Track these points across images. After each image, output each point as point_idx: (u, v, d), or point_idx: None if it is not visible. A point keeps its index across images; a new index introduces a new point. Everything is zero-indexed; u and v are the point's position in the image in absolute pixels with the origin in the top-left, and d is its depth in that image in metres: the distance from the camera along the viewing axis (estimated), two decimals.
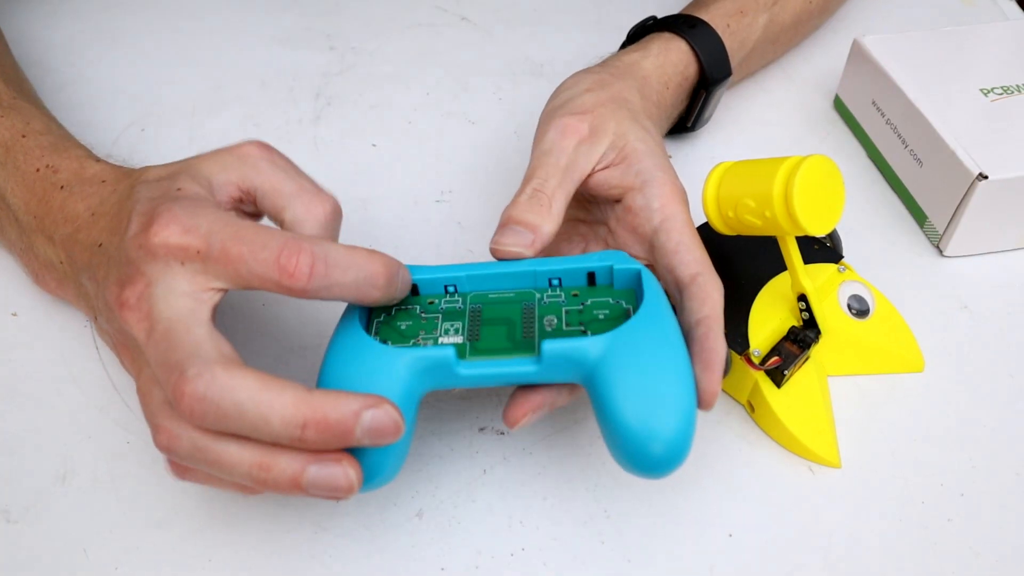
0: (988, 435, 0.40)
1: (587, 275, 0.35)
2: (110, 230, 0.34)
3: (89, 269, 0.35)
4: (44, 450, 0.38)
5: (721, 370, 0.33)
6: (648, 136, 0.40)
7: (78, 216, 0.36)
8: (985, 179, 0.44)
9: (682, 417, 0.30)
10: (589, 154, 0.38)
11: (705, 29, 0.48)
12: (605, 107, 0.40)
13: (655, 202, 0.37)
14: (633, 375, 0.31)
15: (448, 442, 0.39)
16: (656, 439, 0.30)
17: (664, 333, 0.32)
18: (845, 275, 0.42)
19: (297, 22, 0.62)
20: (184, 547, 0.36)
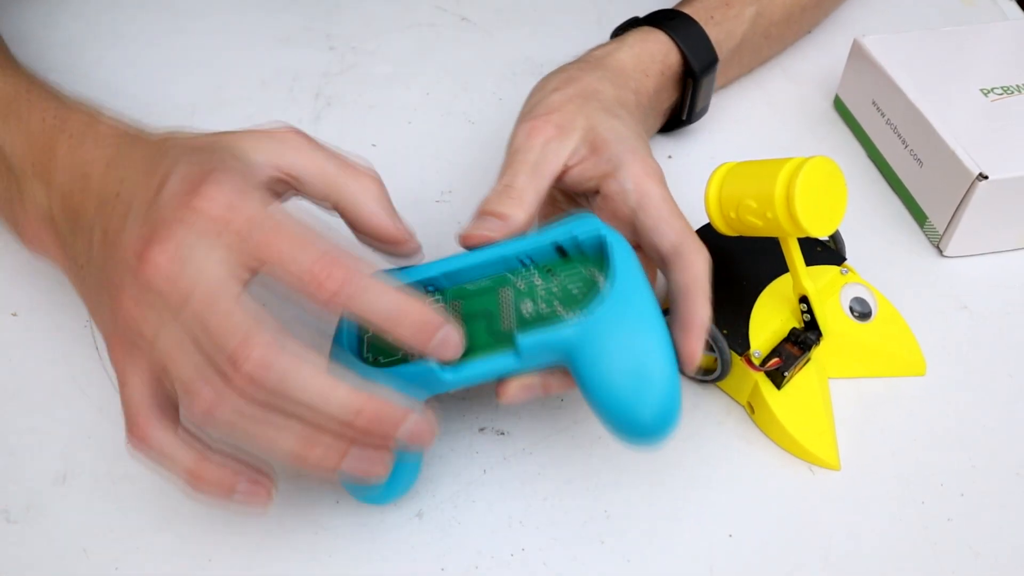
0: (988, 435, 0.40)
1: (556, 248, 0.35)
2: (134, 183, 0.32)
3: (100, 218, 0.33)
4: (44, 450, 0.38)
5: (701, 333, 0.33)
6: (618, 123, 0.40)
7: (89, 164, 0.35)
8: (985, 179, 0.44)
9: (665, 384, 0.31)
10: (559, 151, 0.39)
11: (684, 19, 0.49)
12: (572, 103, 0.40)
13: (628, 183, 0.38)
14: (611, 352, 0.31)
15: (448, 442, 0.39)
16: (643, 410, 0.30)
17: (636, 303, 0.32)
18: (847, 277, 0.42)
19: (297, 22, 0.62)
20: (184, 547, 0.36)
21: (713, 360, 0.40)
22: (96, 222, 0.33)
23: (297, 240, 0.29)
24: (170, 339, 0.29)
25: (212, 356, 0.29)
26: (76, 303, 0.43)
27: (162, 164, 0.32)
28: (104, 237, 0.32)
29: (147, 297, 0.30)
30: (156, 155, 0.33)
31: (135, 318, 0.30)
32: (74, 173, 0.35)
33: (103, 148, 0.35)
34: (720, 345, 0.38)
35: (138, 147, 0.34)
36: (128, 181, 0.33)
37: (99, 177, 0.34)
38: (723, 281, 0.41)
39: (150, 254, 0.29)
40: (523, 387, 0.34)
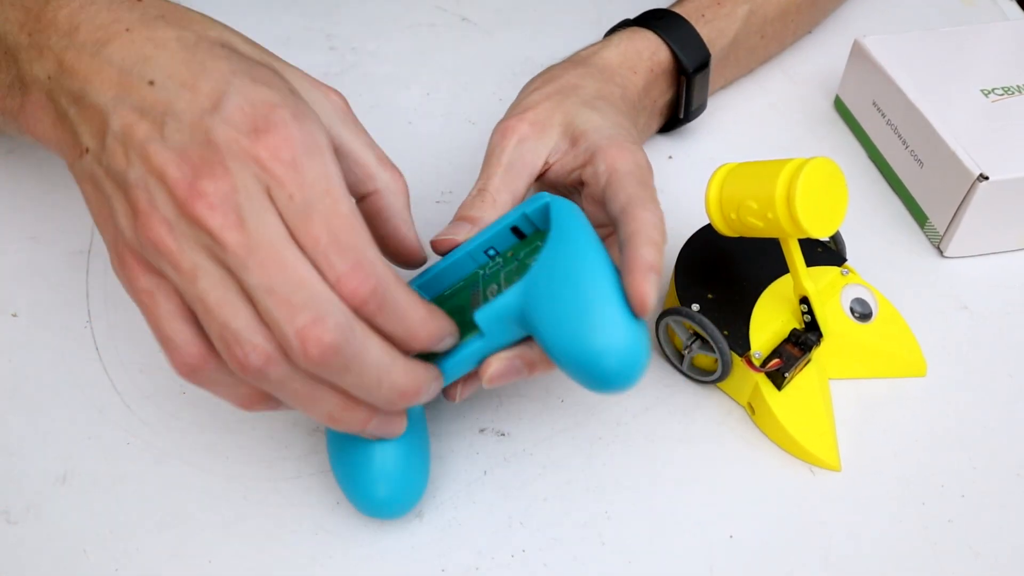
0: (988, 436, 0.40)
1: (512, 231, 0.35)
2: (173, 80, 0.29)
3: (121, 106, 0.29)
4: (44, 451, 0.38)
5: (646, 272, 0.31)
6: (596, 115, 0.40)
7: (102, 28, 0.30)
8: (986, 180, 0.44)
9: (614, 324, 0.30)
10: (536, 149, 0.39)
11: (673, 17, 0.49)
12: (549, 100, 0.41)
13: (601, 166, 0.37)
14: (558, 305, 0.30)
15: (448, 443, 0.39)
16: (597, 352, 0.30)
17: (576, 255, 0.31)
18: (848, 278, 0.42)
19: (297, 22, 0.62)
20: (184, 548, 0.36)
21: (713, 361, 0.40)
22: (115, 108, 0.29)
23: (343, 234, 0.28)
24: (215, 282, 0.28)
25: (276, 322, 0.27)
26: (76, 303, 0.44)
27: (213, 68, 0.29)
28: (126, 132, 0.28)
29: (189, 230, 0.27)
30: (201, 50, 0.29)
31: (170, 248, 0.28)
32: (79, 35, 0.30)
33: (119, 11, 0.30)
34: (720, 346, 0.38)
35: (169, 24, 0.30)
36: (164, 70, 0.29)
37: (119, 48, 0.30)
38: (723, 282, 0.41)
39: (201, 186, 0.27)
40: (503, 365, 0.33)
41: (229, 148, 0.27)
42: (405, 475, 0.34)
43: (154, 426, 0.39)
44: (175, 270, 0.28)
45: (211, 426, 0.39)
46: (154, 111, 0.28)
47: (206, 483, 0.38)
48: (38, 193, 0.49)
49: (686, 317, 0.39)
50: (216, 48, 0.30)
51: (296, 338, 0.27)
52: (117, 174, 0.29)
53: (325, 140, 0.29)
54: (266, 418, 0.40)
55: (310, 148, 0.28)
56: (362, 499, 0.35)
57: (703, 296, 0.41)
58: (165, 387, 0.41)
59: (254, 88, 0.28)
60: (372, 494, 0.34)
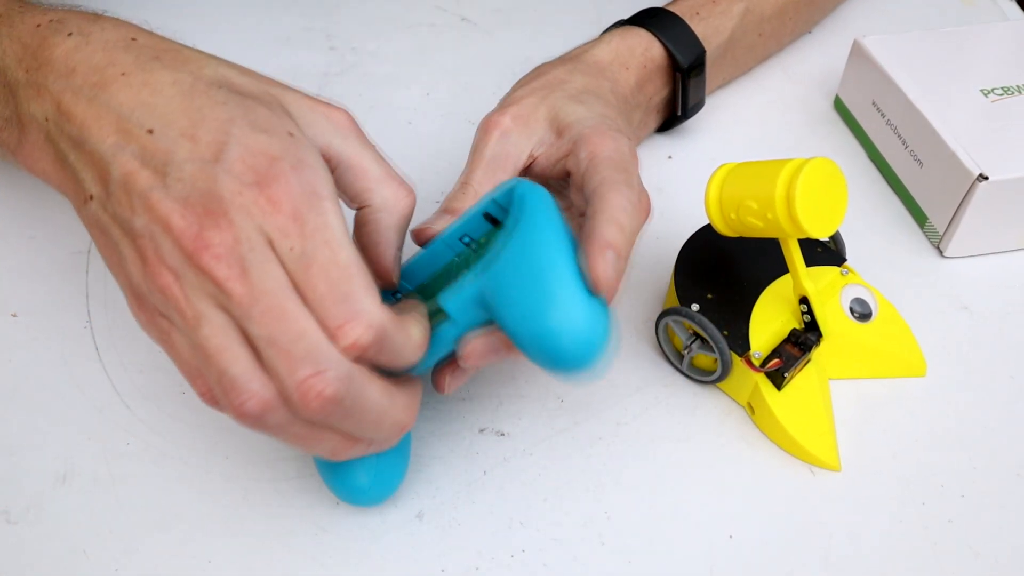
0: (988, 436, 0.40)
1: (485, 217, 0.35)
2: (173, 128, 0.29)
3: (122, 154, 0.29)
4: (44, 451, 0.38)
5: (602, 249, 0.31)
6: (582, 108, 0.40)
7: (98, 71, 0.30)
8: (986, 180, 0.44)
9: (574, 304, 0.29)
10: (519, 143, 0.39)
11: (666, 15, 0.49)
12: (533, 95, 0.41)
13: (582, 154, 0.37)
14: (515, 286, 0.30)
15: (448, 443, 0.39)
16: (553, 333, 0.29)
17: (534, 233, 0.31)
18: (848, 278, 0.42)
19: (297, 22, 0.62)
20: (184, 548, 0.36)
21: (713, 361, 0.40)
22: (115, 156, 0.29)
23: (341, 284, 0.28)
24: (215, 329, 0.28)
25: (277, 373, 0.28)
26: (76, 303, 0.44)
27: (211, 119, 0.29)
28: (130, 181, 0.29)
29: (196, 280, 0.28)
30: (198, 95, 0.30)
31: (176, 297, 0.28)
32: (76, 78, 0.31)
33: (114, 53, 0.31)
34: (720, 346, 0.38)
35: (163, 65, 0.30)
36: (163, 118, 0.29)
37: (117, 91, 0.30)
38: (723, 282, 0.41)
39: (207, 237, 0.27)
40: (481, 343, 0.32)
41: (232, 200, 0.28)
42: (384, 462, 0.35)
43: (154, 426, 0.39)
44: (180, 317, 0.29)
45: (211, 426, 0.39)
46: (155, 160, 0.29)
47: (206, 483, 0.38)
48: (38, 193, 0.49)
49: (686, 317, 0.39)
50: (213, 91, 0.30)
51: (296, 391, 0.28)
52: (123, 222, 0.29)
53: (326, 188, 0.29)
54: None
55: (310, 198, 0.28)
56: (342, 486, 0.35)
57: (703, 296, 0.41)
58: (165, 387, 0.41)
59: (253, 137, 0.29)
60: (352, 481, 0.34)
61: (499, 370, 0.42)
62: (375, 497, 0.36)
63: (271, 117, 0.30)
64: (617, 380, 0.42)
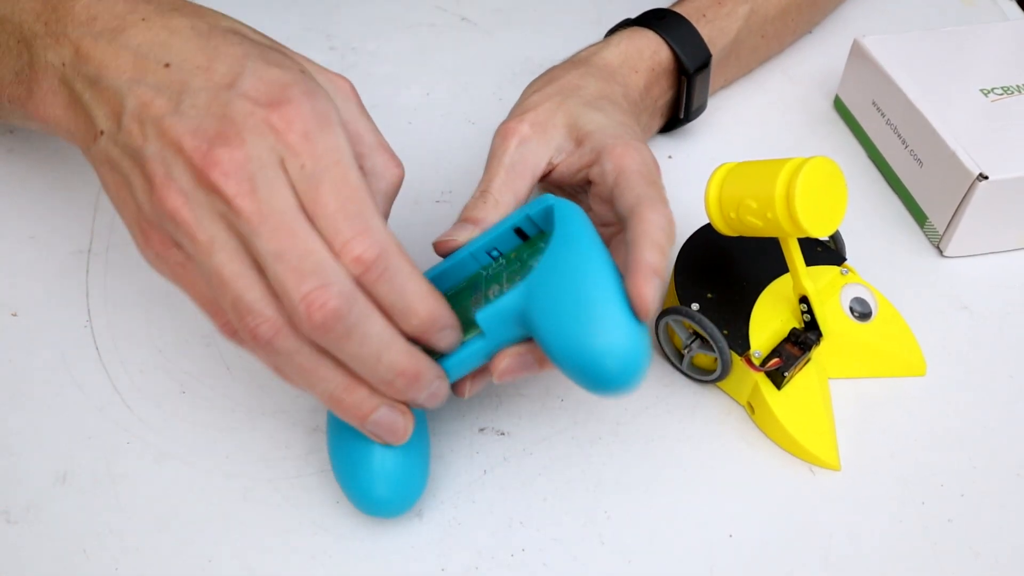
0: (988, 435, 0.40)
1: (516, 232, 0.35)
2: (189, 61, 0.30)
3: (138, 86, 0.30)
4: (44, 450, 0.38)
5: (648, 274, 0.31)
6: (600, 115, 0.40)
7: (119, 17, 0.32)
8: (985, 179, 0.44)
9: (613, 326, 0.30)
10: (537, 151, 0.39)
11: (673, 17, 0.49)
12: (550, 101, 0.41)
13: (608, 165, 0.37)
14: (556, 305, 0.30)
15: (448, 442, 0.39)
16: (595, 355, 0.30)
17: (578, 254, 0.31)
18: (848, 277, 0.42)
19: (297, 22, 0.62)
20: (184, 547, 0.36)
21: (713, 360, 0.40)
22: (131, 89, 0.30)
23: (350, 203, 0.29)
24: (230, 254, 0.29)
25: (283, 287, 0.28)
26: (76, 303, 0.44)
27: (227, 52, 0.30)
28: (144, 110, 0.30)
29: (205, 199, 0.29)
30: (214, 36, 0.31)
31: (186, 219, 0.29)
32: (96, 24, 0.32)
33: (136, 3, 0.32)
34: (720, 345, 0.38)
35: (183, 15, 0.32)
36: (180, 54, 0.30)
37: (136, 33, 0.31)
38: (723, 281, 0.41)
39: (217, 154, 0.28)
40: (514, 360, 0.33)
41: (244, 120, 0.28)
42: (405, 474, 0.34)
43: (154, 426, 0.39)
44: (192, 242, 0.29)
45: (211, 426, 0.39)
46: (170, 89, 0.30)
47: (206, 483, 0.38)
48: (38, 193, 0.49)
49: (686, 316, 0.39)
50: (229, 35, 0.31)
51: (302, 303, 0.28)
52: (134, 151, 0.30)
53: (336, 115, 0.30)
54: (266, 418, 0.40)
55: (322, 121, 0.29)
56: (361, 497, 0.35)
57: (703, 295, 0.41)
58: (165, 387, 0.41)
59: (267, 69, 0.30)
60: (371, 492, 0.34)
61: None
62: (395, 508, 0.35)
63: (283, 57, 0.31)
64: None
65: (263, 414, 0.40)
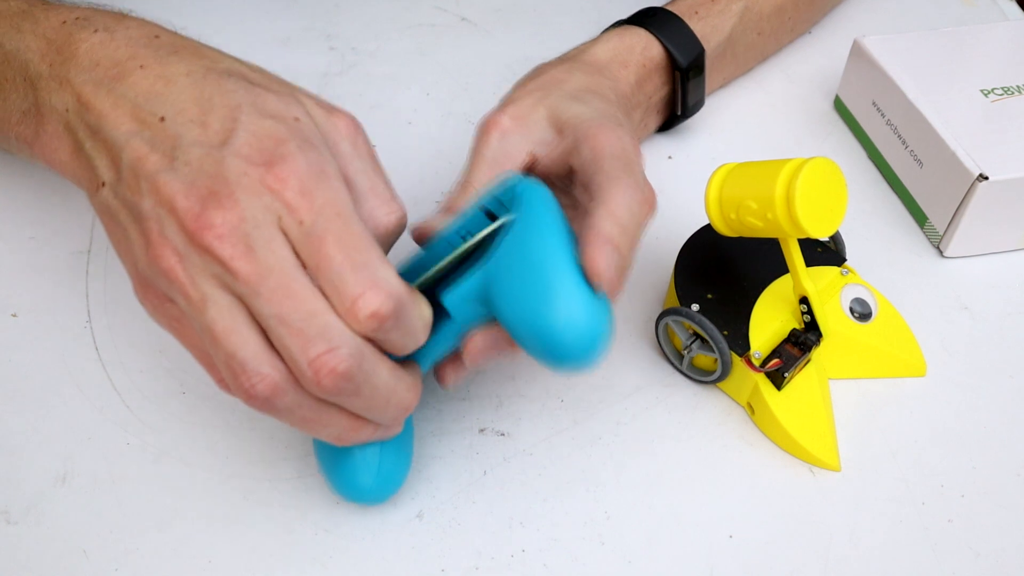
0: (988, 436, 0.40)
1: (486, 214, 0.35)
2: (184, 114, 0.30)
3: (135, 140, 0.30)
4: (44, 451, 0.38)
5: (601, 244, 0.31)
6: (582, 107, 0.40)
7: (120, 64, 0.31)
8: (985, 180, 0.44)
9: (573, 298, 0.30)
10: (518, 143, 0.39)
11: (664, 14, 0.49)
12: (530, 95, 0.41)
13: (586, 150, 0.37)
14: (516, 282, 0.30)
15: (448, 443, 0.39)
16: (557, 329, 0.29)
17: (535, 229, 0.31)
18: (848, 278, 0.42)
19: (297, 22, 0.62)
20: (184, 548, 0.36)
21: (713, 361, 0.40)
22: (127, 142, 0.30)
23: (356, 254, 0.28)
24: (222, 311, 0.28)
25: (288, 351, 0.28)
26: (76, 303, 0.44)
27: (222, 104, 0.30)
28: (139, 165, 0.29)
29: (200, 260, 0.28)
30: (209, 83, 0.30)
31: (179, 278, 0.28)
32: (98, 71, 0.31)
33: (136, 47, 0.32)
34: (720, 346, 0.38)
35: (181, 58, 0.31)
36: (175, 106, 0.30)
37: (133, 84, 0.31)
38: (723, 282, 0.41)
39: (209, 216, 0.27)
40: (484, 339, 0.33)
41: (238, 180, 0.28)
42: (386, 460, 0.35)
43: (154, 426, 0.39)
44: (185, 299, 0.29)
45: (211, 426, 0.39)
46: (164, 145, 0.29)
47: (206, 483, 0.38)
48: (38, 193, 0.49)
49: (685, 317, 0.39)
50: (224, 80, 0.30)
51: (310, 368, 0.28)
52: (132, 205, 0.30)
53: (332, 167, 0.29)
54: (266, 418, 0.40)
55: (317, 175, 0.29)
56: (344, 484, 0.35)
57: (703, 296, 0.41)
58: (165, 387, 0.41)
59: (261, 122, 0.29)
60: (354, 480, 0.34)
61: (499, 370, 0.42)
62: (378, 495, 0.36)
63: (279, 104, 0.30)
64: (617, 380, 0.42)
65: (263, 415, 0.40)
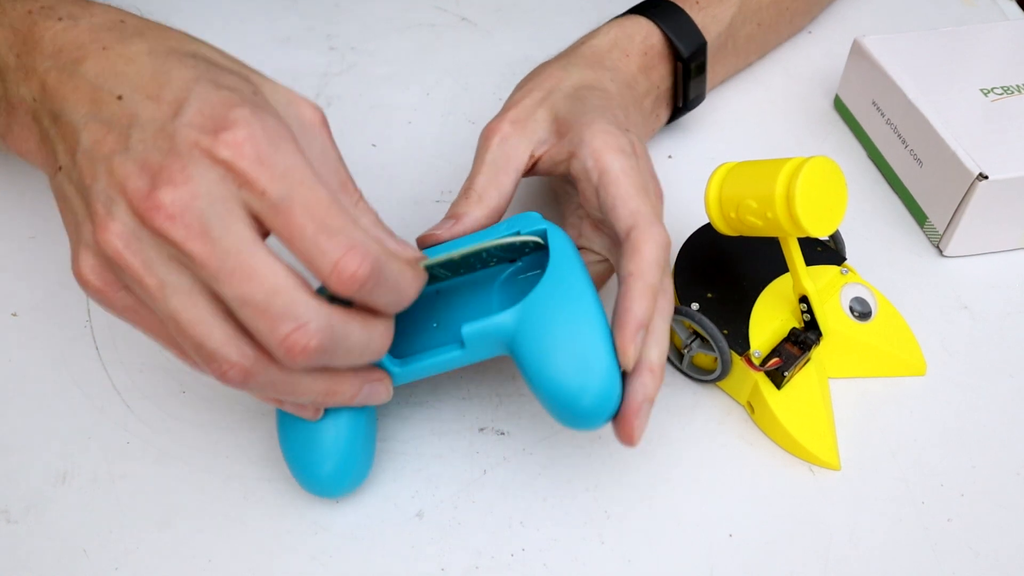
0: (988, 435, 0.40)
1: (504, 247, 0.36)
2: (141, 90, 0.28)
3: (91, 122, 0.29)
4: (44, 450, 0.38)
5: (633, 331, 0.32)
6: (580, 104, 0.40)
7: (81, 48, 0.30)
8: (985, 179, 0.44)
9: (600, 370, 0.31)
10: (518, 146, 0.40)
11: (666, 4, 0.49)
12: (529, 97, 0.41)
13: (588, 161, 0.37)
14: (547, 339, 0.32)
15: (448, 442, 0.39)
16: (580, 394, 0.31)
17: (571, 292, 0.33)
18: (848, 277, 0.42)
19: (297, 22, 0.62)
20: (184, 547, 0.36)
21: (713, 360, 0.40)
22: (86, 124, 0.29)
23: (331, 219, 0.27)
24: (184, 299, 0.27)
25: (258, 332, 0.27)
26: (76, 303, 0.44)
27: (177, 77, 0.28)
28: (94, 147, 0.28)
29: (152, 242, 0.27)
30: (170, 60, 0.29)
31: (128, 263, 0.27)
32: (62, 56, 0.30)
33: (100, 32, 0.30)
34: (720, 345, 0.38)
35: (145, 40, 0.30)
36: (132, 84, 0.28)
37: (93, 65, 0.29)
38: (723, 281, 0.41)
39: (159, 195, 0.26)
40: None
41: (191, 153, 0.26)
42: (350, 452, 0.35)
43: (154, 426, 0.39)
44: (140, 287, 0.27)
45: (211, 426, 0.39)
46: (120, 124, 0.28)
47: (206, 483, 0.38)
48: (38, 193, 0.49)
49: (686, 316, 0.39)
50: (185, 58, 0.29)
51: (281, 347, 0.27)
52: (84, 189, 0.28)
53: (287, 130, 0.28)
54: (266, 418, 0.40)
55: (274, 139, 0.27)
56: (308, 477, 0.35)
57: (703, 295, 0.41)
58: (165, 387, 0.41)
59: (216, 92, 0.28)
60: (317, 471, 0.35)
61: (499, 369, 0.42)
62: (340, 487, 0.36)
63: (237, 80, 0.29)
64: None
65: (263, 414, 0.40)
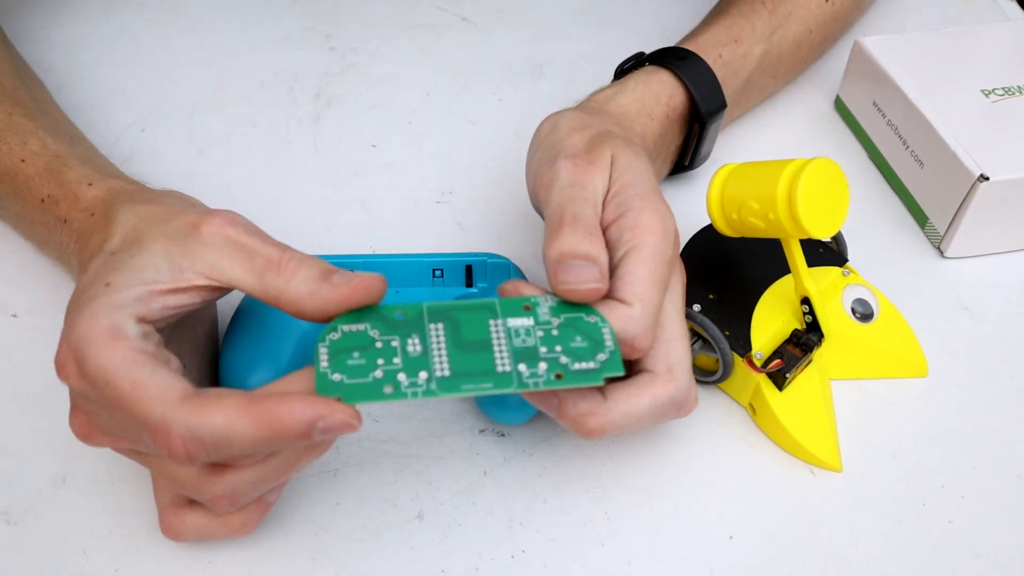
0: (989, 436, 0.40)
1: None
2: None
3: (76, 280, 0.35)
4: (44, 452, 0.38)
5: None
6: (636, 161, 0.37)
7: (70, 254, 0.38)
8: (986, 180, 0.43)
9: None
10: (599, 183, 0.36)
11: (694, 59, 0.46)
12: (602, 141, 0.38)
13: (626, 234, 0.34)
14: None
15: (448, 444, 0.39)
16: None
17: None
18: (849, 278, 0.42)
19: (297, 22, 0.62)
20: (184, 549, 0.36)
21: (715, 361, 0.40)
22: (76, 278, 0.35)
23: (136, 411, 0.29)
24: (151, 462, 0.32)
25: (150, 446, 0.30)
26: None
27: (80, 279, 0.33)
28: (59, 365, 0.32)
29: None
30: (85, 260, 0.34)
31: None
32: (72, 260, 0.38)
33: (76, 236, 0.37)
34: (722, 346, 0.38)
35: (90, 245, 0.35)
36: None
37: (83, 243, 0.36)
38: (725, 282, 0.41)
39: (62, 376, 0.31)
40: None
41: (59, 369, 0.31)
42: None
43: None
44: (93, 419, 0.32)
45: None
46: (74, 295, 0.33)
47: None
48: None
49: (687, 317, 0.39)
50: (91, 254, 0.34)
51: (213, 504, 0.32)
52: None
53: (93, 331, 0.30)
54: None
55: (78, 351, 0.30)
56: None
57: (704, 296, 0.41)
58: None
59: (80, 288, 0.32)
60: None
61: None
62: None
63: (104, 271, 0.32)
64: None
65: None
